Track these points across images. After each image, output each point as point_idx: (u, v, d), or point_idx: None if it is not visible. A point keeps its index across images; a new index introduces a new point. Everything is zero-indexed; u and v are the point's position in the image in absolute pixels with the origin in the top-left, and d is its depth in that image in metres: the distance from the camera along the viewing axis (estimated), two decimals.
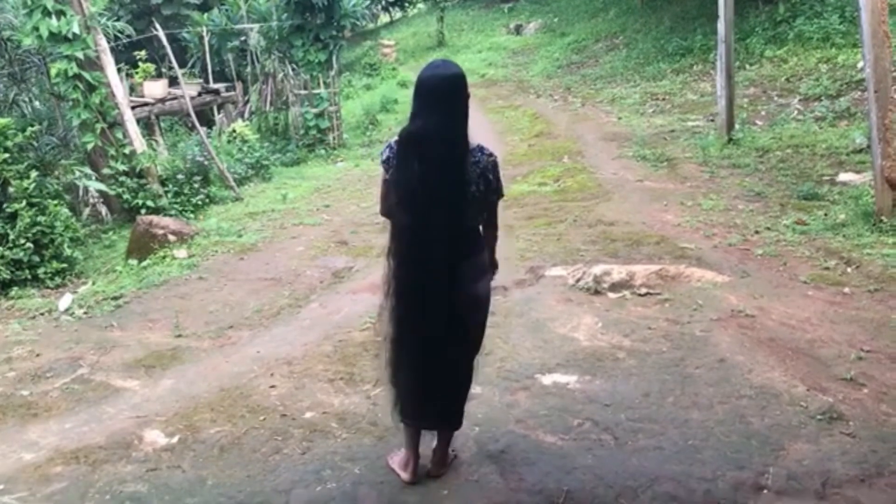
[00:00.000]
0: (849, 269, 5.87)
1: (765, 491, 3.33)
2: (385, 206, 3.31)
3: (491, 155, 3.23)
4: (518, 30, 24.47)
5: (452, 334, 3.30)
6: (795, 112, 11.05)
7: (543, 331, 5.10)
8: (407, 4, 32.60)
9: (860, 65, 11.30)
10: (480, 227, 3.35)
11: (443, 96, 3.11)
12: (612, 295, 5.64)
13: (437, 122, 3.09)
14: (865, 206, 6.85)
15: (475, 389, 4.26)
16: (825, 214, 7.12)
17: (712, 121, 11.42)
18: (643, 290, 5.64)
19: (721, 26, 9.95)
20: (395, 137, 3.24)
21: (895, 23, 9.22)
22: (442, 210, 3.14)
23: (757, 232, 6.87)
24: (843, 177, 8.15)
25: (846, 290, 5.51)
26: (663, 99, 13.89)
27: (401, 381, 3.47)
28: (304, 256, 7.59)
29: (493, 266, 3.49)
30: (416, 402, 3.45)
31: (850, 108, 10.35)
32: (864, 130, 9.06)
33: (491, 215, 3.35)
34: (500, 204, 3.41)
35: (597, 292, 5.69)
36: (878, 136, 6.51)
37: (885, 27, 6.47)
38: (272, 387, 4.66)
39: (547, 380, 4.44)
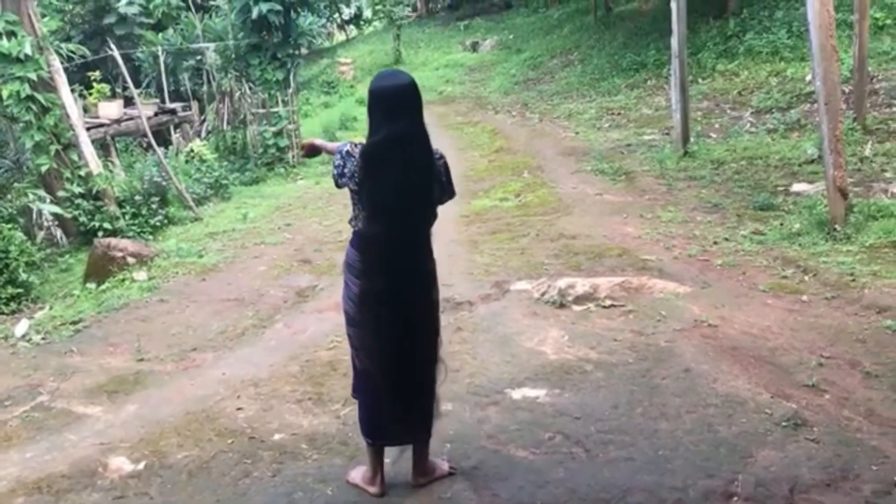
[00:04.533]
0: (806, 278, 6.00)
1: (735, 498, 3.37)
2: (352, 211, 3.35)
3: (441, 157, 3.30)
4: (474, 47, 24.66)
5: (421, 343, 3.34)
6: (748, 124, 11.29)
7: (511, 345, 5.12)
8: (362, 23, 32.68)
9: (808, 78, 11.61)
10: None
11: (404, 104, 3.14)
12: (576, 308, 5.69)
13: (406, 129, 3.12)
14: (819, 216, 7.02)
15: (446, 406, 4.28)
16: (781, 224, 7.28)
17: (667, 134, 11.61)
18: (607, 303, 5.70)
19: (674, 42, 10.15)
20: (347, 147, 3.24)
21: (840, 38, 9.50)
22: (413, 217, 3.20)
23: (715, 243, 6.99)
24: (797, 187, 8.35)
25: (804, 297, 5.63)
26: (619, 113, 14.08)
27: (370, 400, 3.46)
28: (266, 276, 7.52)
29: None
30: (387, 420, 3.44)
31: (801, 120, 10.61)
32: (814, 142, 9.29)
33: (435, 216, 3.38)
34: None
35: (562, 305, 5.73)
36: (830, 147, 6.67)
37: (832, 41, 6.66)
38: (239, 409, 4.60)
39: (516, 394, 4.45)
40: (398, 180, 3.12)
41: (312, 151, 3.68)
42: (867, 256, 6.18)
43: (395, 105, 3.13)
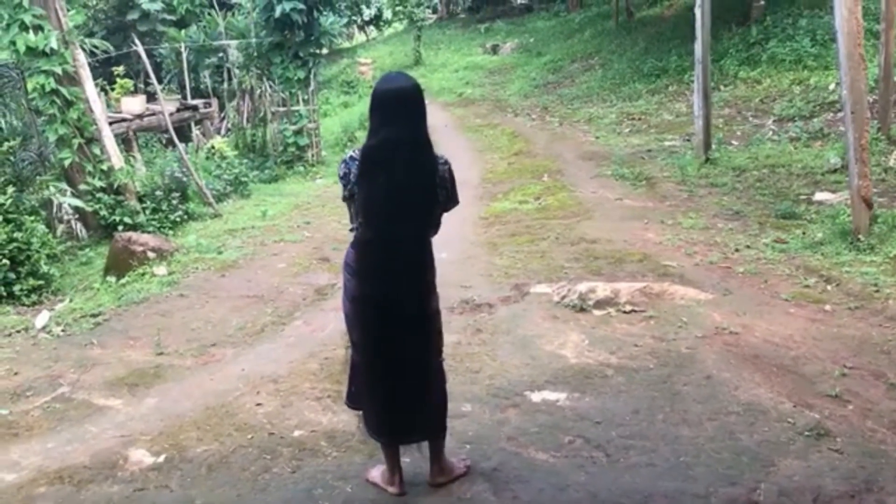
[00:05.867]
0: (829, 287, 5.95)
1: None
2: (351, 215, 3.37)
3: (446, 163, 3.29)
4: (494, 49, 24.62)
5: (420, 346, 3.34)
6: (770, 132, 11.22)
7: (531, 348, 5.11)
8: (382, 24, 32.74)
9: (832, 86, 11.53)
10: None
11: (407, 107, 3.13)
12: (597, 312, 5.67)
13: (407, 132, 3.11)
14: (842, 225, 6.96)
15: (465, 407, 4.29)
16: (803, 233, 7.23)
17: (689, 140, 11.55)
18: (628, 308, 5.67)
19: (698, 47, 10.10)
20: (351, 153, 3.23)
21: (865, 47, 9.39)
22: (411, 221, 3.19)
23: (737, 250, 6.95)
24: (820, 196, 8.28)
25: (827, 307, 5.59)
26: (639, 119, 14.03)
27: (371, 400, 3.46)
28: (285, 273, 7.55)
29: None
30: (391, 418, 3.45)
31: (824, 129, 10.53)
32: (838, 151, 9.23)
33: (439, 224, 3.39)
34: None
35: (582, 309, 5.71)
36: (855, 157, 6.62)
37: (860, 50, 6.61)
38: (258, 405, 4.62)
39: (536, 397, 4.44)
40: (393, 185, 3.10)
41: None
42: (891, 267, 6.12)
43: (395, 108, 3.12)
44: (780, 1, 15.84)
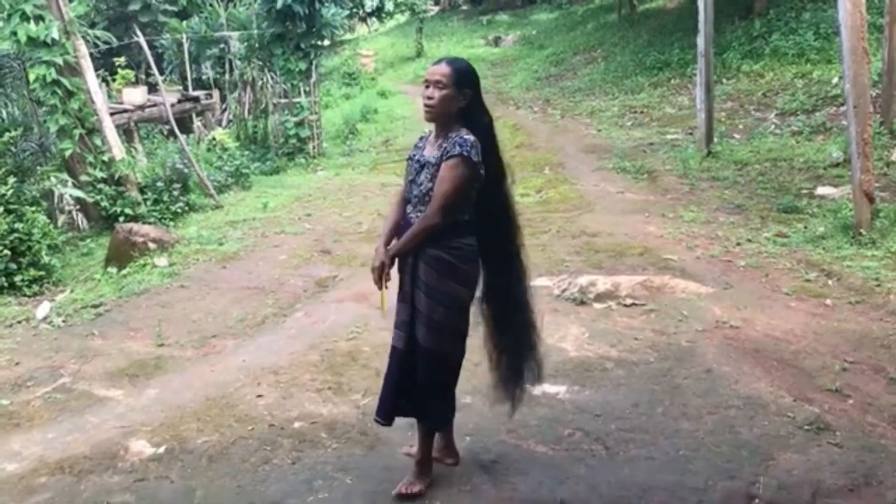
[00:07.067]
0: (830, 282, 5.95)
1: (756, 501, 3.35)
2: (464, 206, 3.32)
3: None
4: (497, 42, 24.62)
5: None
6: (772, 126, 11.20)
7: None
8: (384, 15, 32.67)
9: (835, 80, 11.50)
10: None
11: None
12: (597, 305, 5.67)
13: None
14: (844, 219, 6.95)
15: (465, 399, 4.29)
16: (805, 227, 7.22)
17: (691, 134, 11.54)
18: (628, 301, 5.68)
19: (701, 41, 10.08)
20: (469, 136, 3.25)
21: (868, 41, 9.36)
22: None
23: (738, 244, 6.94)
24: (821, 190, 8.27)
25: (828, 301, 5.58)
26: (642, 112, 14.01)
27: (453, 385, 3.54)
28: (286, 265, 7.55)
29: None
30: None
31: (826, 123, 10.52)
32: (840, 145, 9.21)
33: None
34: None
35: (582, 303, 5.71)
36: (858, 151, 6.61)
37: (863, 44, 6.59)
38: (259, 396, 4.62)
39: (536, 390, 4.42)
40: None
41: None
42: (892, 262, 6.12)
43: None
44: None
